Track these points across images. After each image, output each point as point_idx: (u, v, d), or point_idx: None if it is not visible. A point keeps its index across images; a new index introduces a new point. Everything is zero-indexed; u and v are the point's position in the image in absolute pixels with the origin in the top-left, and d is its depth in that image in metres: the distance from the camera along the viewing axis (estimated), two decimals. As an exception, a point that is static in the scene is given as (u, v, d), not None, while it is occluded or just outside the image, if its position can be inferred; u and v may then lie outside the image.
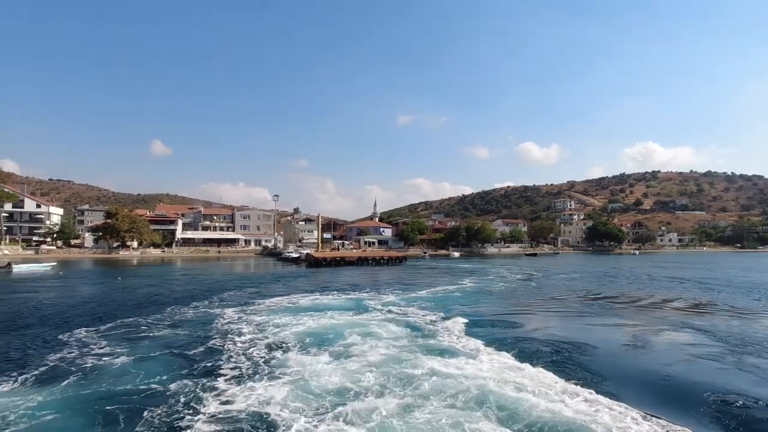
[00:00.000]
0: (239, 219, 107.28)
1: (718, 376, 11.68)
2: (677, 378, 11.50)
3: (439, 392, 9.78)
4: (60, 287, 33.74)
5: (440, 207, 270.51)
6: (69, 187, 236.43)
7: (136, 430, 7.94)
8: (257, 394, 9.64)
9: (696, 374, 11.92)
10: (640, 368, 12.45)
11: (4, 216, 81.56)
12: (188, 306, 23.30)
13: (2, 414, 8.49)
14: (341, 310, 21.79)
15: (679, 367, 12.47)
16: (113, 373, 11.48)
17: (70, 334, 16.05)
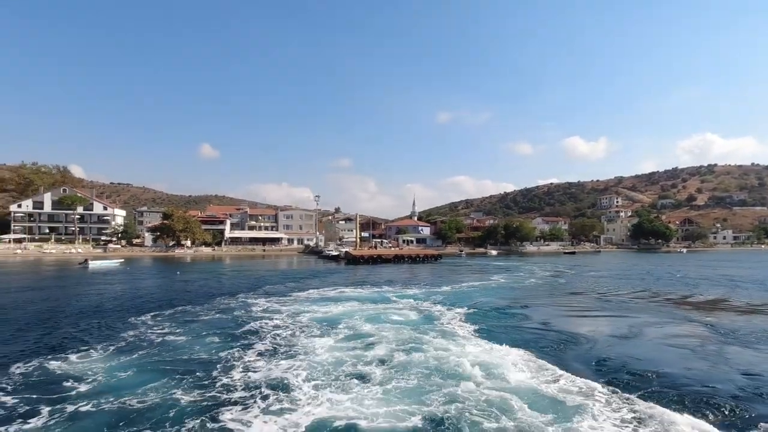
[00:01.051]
0: (282, 219, 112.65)
1: (683, 363, 13.34)
2: (649, 361, 13.22)
3: (421, 365, 12.21)
4: (128, 280, 38.62)
5: (481, 205, 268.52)
6: (128, 190, 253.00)
7: (186, 384, 10.82)
8: (277, 364, 12.40)
9: (671, 362, 13.61)
10: (617, 355, 14.17)
11: (77, 218, 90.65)
12: (234, 297, 26.80)
13: (96, 373, 11.67)
14: (364, 300, 24.60)
15: (655, 355, 14.17)
16: (171, 346, 14.63)
17: (140, 318, 19.63)
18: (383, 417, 8.68)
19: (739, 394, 10.24)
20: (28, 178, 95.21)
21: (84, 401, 9.45)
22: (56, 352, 13.58)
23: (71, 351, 13.76)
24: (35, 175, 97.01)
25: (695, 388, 10.57)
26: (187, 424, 8.27)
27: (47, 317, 20.23)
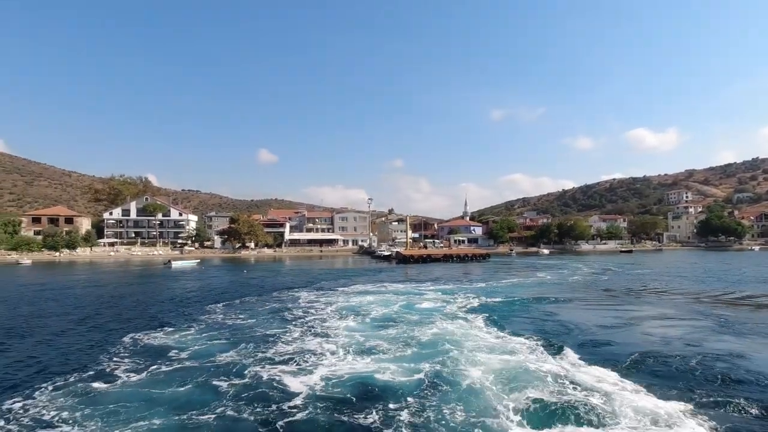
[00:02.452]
0: (338, 221, 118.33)
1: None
2: (620, 344, 15.46)
3: (425, 339, 15.42)
4: (203, 278, 44.59)
5: (538, 203, 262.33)
6: (196, 196, 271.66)
7: (249, 351, 14.56)
8: (314, 338, 16.08)
9: (635, 343, 15.80)
10: (618, 343, 16.44)
11: (157, 223, 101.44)
12: (289, 290, 31.21)
13: (183, 343, 15.79)
14: (400, 293, 28.09)
15: (621, 338, 16.37)
16: (238, 326, 18.72)
17: (214, 306, 24.22)
18: (390, 372, 11.95)
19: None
20: (117, 188, 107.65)
21: (178, 362, 13.53)
22: (155, 329, 18.08)
23: (166, 328, 18.27)
24: (123, 186, 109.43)
25: (656, 367, 12.95)
26: (249, 375, 11.93)
27: (145, 304, 25.47)
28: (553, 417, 9.02)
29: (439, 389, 10.58)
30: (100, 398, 10.26)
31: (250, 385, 11.06)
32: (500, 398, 9.89)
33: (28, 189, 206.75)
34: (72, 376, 11.95)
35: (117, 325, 19.28)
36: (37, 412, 9.42)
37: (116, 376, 11.96)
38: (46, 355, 14.33)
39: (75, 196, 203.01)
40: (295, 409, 9.51)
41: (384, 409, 9.38)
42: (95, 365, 12.96)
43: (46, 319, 21.22)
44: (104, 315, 22.18)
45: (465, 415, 9.07)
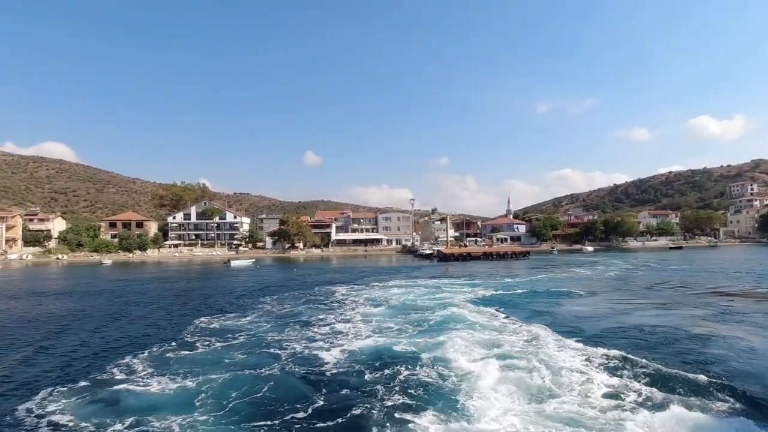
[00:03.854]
0: (382, 221, 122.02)
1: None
2: (608, 330, 17.71)
3: (435, 322, 18.40)
4: (258, 275, 49.51)
5: (587, 199, 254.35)
6: (247, 199, 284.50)
7: (293, 332, 18.05)
8: (345, 321, 19.48)
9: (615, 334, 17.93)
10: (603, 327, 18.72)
11: (215, 226, 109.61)
12: (333, 285, 34.98)
13: (241, 326, 19.55)
14: (429, 287, 30.99)
15: (608, 323, 18.49)
16: (286, 313, 22.46)
17: (267, 298, 28.22)
18: (400, 345, 14.99)
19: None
20: (179, 194, 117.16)
21: (239, 339, 17.19)
22: (219, 315, 22.13)
23: (228, 314, 22.30)
24: (183, 191, 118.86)
25: (605, 336, 15.25)
26: (293, 348, 15.27)
27: (210, 297, 29.97)
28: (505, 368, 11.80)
29: (433, 354, 13.56)
30: (183, 361, 13.93)
31: (294, 354, 14.46)
32: (475, 359, 12.75)
33: (99, 196, 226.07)
34: (161, 345, 15.87)
35: (189, 312, 23.57)
36: (139, 369, 13.17)
37: (195, 346, 15.78)
38: (139, 332, 18.55)
39: (139, 201, 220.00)
40: (326, 370, 12.74)
41: (391, 370, 12.42)
42: (177, 339, 16.88)
43: (133, 307, 25.99)
44: (177, 304, 26.75)
45: (447, 371, 11.99)
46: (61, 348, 16.08)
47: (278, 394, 10.74)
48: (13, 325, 20.72)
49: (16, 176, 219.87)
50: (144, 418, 9.43)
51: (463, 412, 9.17)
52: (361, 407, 9.70)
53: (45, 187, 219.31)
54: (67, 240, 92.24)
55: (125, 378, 12.27)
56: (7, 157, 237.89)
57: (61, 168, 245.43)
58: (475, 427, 8.53)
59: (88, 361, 14.25)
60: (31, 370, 13.34)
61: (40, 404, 10.42)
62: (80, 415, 9.72)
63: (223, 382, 11.68)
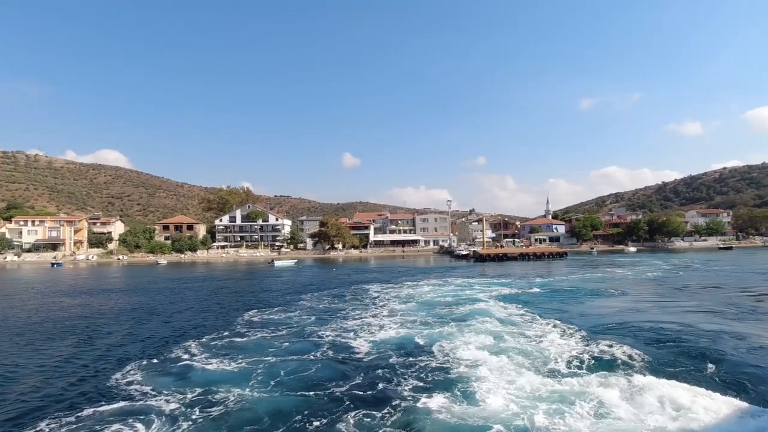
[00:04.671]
0: (419, 222, 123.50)
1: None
2: (617, 326, 18.66)
3: (455, 315, 19.95)
4: (300, 274, 52.48)
5: (633, 198, 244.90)
6: (287, 201, 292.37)
7: (329, 324, 20.10)
8: (374, 315, 21.41)
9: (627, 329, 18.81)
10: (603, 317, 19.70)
11: (258, 228, 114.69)
12: (370, 284, 37.06)
13: (287, 319, 21.88)
14: (460, 286, 32.41)
15: (620, 319, 19.37)
16: (323, 308, 24.68)
17: (308, 295, 30.61)
18: (421, 336, 16.71)
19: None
20: (225, 198, 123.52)
21: (284, 329, 19.45)
22: (266, 309, 24.57)
23: (274, 308, 24.73)
24: (229, 195, 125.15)
25: (607, 333, 16.28)
26: (329, 338, 17.28)
27: (257, 293, 32.72)
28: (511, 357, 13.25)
29: (450, 344, 15.19)
30: (237, 346, 16.19)
31: (331, 342, 16.45)
32: (486, 350, 14.27)
33: (151, 200, 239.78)
34: (217, 333, 18.31)
35: (239, 306, 26.22)
36: (201, 352, 15.52)
37: (246, 335, 18.10)
38: (197, 323, 21.19)
39: (187, 204, 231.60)
40: (357, 356, 14.63)
41: (412, 357, 14.17)
42: (230, 329, 19.31)
43: (191, 302, 29.00)
44: (228, 300, 29.59)
45: (460, 360, 13.58)
46: (137, 335, 18.87)
47: (318, 374, 12.72)
48: (95, 317, 23.95)
49: (78, 182, 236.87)
50: (209, 388, 11.60)
51: (467, 396, 10.60)
52: (384, 387, 11.44)
53: (103, 192, 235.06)
54: (126, 242, 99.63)
55: (190, 358, 14.62)
56: (70, 164, 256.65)
57: (117, 174, 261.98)
58: (476, 410, 10.04)
59: (159, 345, 16.82)
60: (118, 351, 16.02)
61: (127, 375, 12.87)
62: (158, 384, 12.03)
63: (271, 363, 13.80)
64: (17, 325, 21.51)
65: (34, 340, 18.09)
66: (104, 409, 10.27)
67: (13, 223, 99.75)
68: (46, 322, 22.43)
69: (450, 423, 9.01)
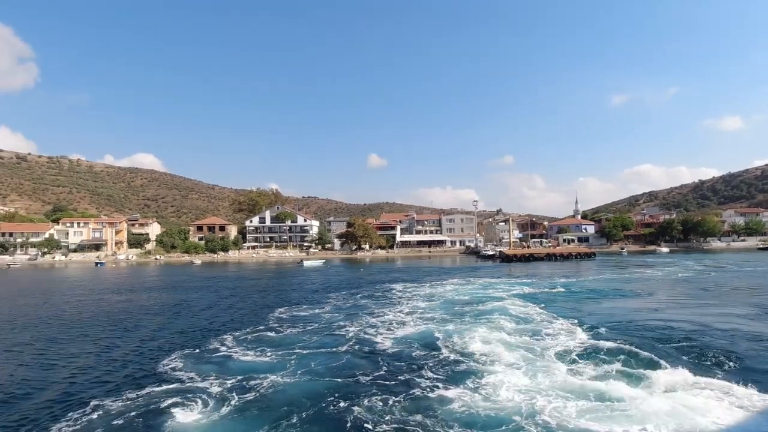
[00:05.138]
0: (445, 222, 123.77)
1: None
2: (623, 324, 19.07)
3: (473, 312, 20.75)
4: (328, 274, 54.08)
5: (668, 197, 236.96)
6: (315, 202, 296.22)
7: (355, 321, 21.22)
8: (397, 313, 22.45)
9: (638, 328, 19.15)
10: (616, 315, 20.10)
11: (287, 229, 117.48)
12: (396, 283, 38.15)
13: (316, 316, 23.14)
14: (479, 285, 33.18)
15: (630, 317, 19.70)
16: (350, 305, 25.90)
17: (335, 294, 31.92)
18: (440, 331, 17.63)
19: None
20: (254, 200, 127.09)
21: (312, 325, 20.75)
22: (296, 306, 26.00)
23: (303, 306, 26.17)
24: (259, 197, 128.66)
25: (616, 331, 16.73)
26: (355, 333, 18.40)
27: (287, 291, 34.30)
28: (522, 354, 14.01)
29: (466, 339, 16.05)
30: (270, 340, 17.56)
31: (355, 338, 17.56)
32: (500, 345, 15.08)
33: (184, 202, 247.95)
34: (251, 328, 19.76)
35: (270, 304, 27.75)
36: (237, 344, 16.93)
37: (277, 329, 19.45)
38: (232, 318, 22.77)
39: (218, 206, 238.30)
40: (380, 349, 15.70)
41: (430, 351, 15.14)
42: (263, 324, 20.73)
43: (225, 299, 30.75)
44: (260, 297, 31.25)
45: (474, 354, 14.45)
46: (177, 327, 20.55)
47: (344, 365, 13.86)
48: (140, 312, 25.90)
49: (117, 185, 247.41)
50: (247, 375, 12.87)
51: (479, 387, 11.36)
52: (403, 378, 12.41)
53: (140, 194, 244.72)
54: (162, 242, 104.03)
55: (227, 350, 16.02)
56: (109, 168, 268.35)
57: (152, 177, 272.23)
58: (486, 400, 10.92)
59: (198, 337, 18.35)
60: (163, 342, 17.63)
61: (172, 363, 14.33)
62: (200, 371, 13.39)
63: (302, 355, 15.03)
64: (72, 319, 23.57)
65: (89, 332, 19.99)
66: (157, 389, 11.71)
67: (61, 225, 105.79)
68: (98, 316, 24.50)
69: (462, 412, 9.90)
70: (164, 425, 9.45)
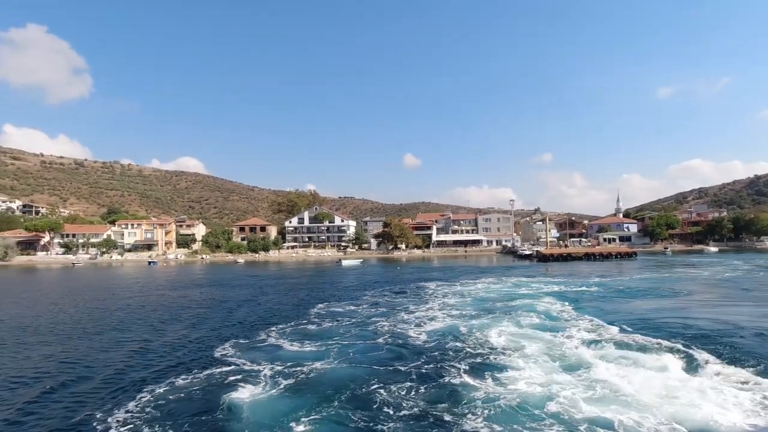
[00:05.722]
0: (481, 222, 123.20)
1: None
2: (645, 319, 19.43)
3: (504, 309, 21.65)
4: (365, 273, 55.91)
5: (719, 194, 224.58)
6: (351, 202, 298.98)
7: (389, 315, 22.58)
8: (428, 309, 23.73)
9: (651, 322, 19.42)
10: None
11: (325, 229, 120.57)
12: (430, 281, 39.33)
13: (352, 311, 24.67)
14: (516, 284, 33.76)
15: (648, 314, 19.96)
16: (385, 302, 27.31)
17: (372, 291, 33.49)
18: (465, 325, 18.75)
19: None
20: (293, 201, 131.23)
21: (350, 320, 22.35)
22: (334, 303, 27.69)
23: (342, 302, 27.84)
24: (297, 198, 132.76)
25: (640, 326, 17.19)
26: (389, 327, 19.81)
27: (326, 289, 36.22)
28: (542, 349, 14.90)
29: (491, 333, 17.17)
30: (312, 332, 19.23)
31: (389, 331, 18.99)
32: (522, 338, 16.03)
33: (225, 203, 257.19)
34: (295, 321, 21.58)
35: (312, 300, 29.65)
36: (282, 335, 18.68)
37: (317, 323, 21.15)
38: (276, 312, 24.72)
39: (258, 207, 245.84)
40: (412, 341, 17.05)
41: (458, 343, 16.38)
42: (305, 318, 22.55)
43: (269, 295, 32.94)
44: (302, 294, 33.24)
45: (497, 347, 15.53)
46: (228, 320, 22.72)
47: (379, 354, 15.32)
48: (194, 306, 28.40)
49: (164, 188, 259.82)
50: (293, 362, 14.48)
51: (499, 378, 12.41)
52: (432, 367, 13.69)
53: (184, 196, 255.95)
54: (208, 242, 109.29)
55: (274, 340, 17.82)
56: (156, 172, 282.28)
57: (196, 180, 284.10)
58: (506, 389, 12.06)
59: (247, 328, 20.28)
60: (216, 332, 19.69)
61: (227, 350, 16.18)
62: (251, 357, 15.12)
63: (341, 345, 16.61)
64: (139, 313, 26.20)
65: (153, 323, 22.45)
66: (217, 370, 13.57)
67: (117, 226, 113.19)
68: (159, 309, 27.18)
69: (482, 398, 10.97)
70: (226, 398, 11.13)
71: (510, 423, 9.49)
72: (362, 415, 10.10)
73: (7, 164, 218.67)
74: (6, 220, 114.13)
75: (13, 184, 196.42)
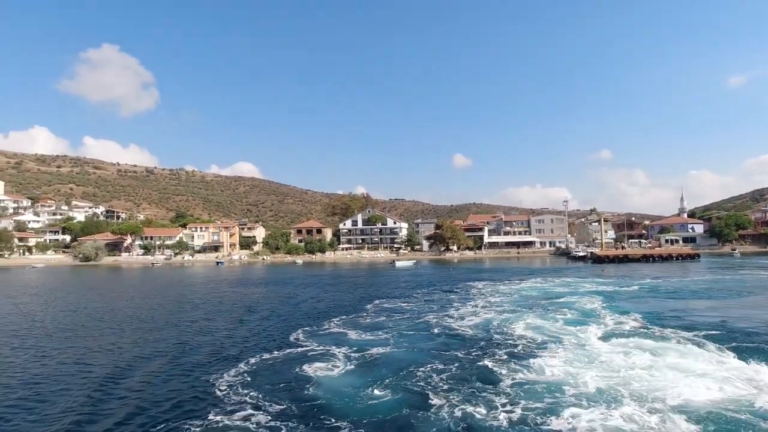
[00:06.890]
0: (534, 223, 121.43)
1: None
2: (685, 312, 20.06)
3: (545, 306, 23.00)
4: (418, 273, 58.23)
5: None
6: (402, 204, 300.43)
7: (436, 311, 24.62)
8: (473, 307, 25.52)
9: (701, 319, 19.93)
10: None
11: (378, 231, 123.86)
12: (478, 281, 40.84)
13: (404, 308, 26.96)
14: (567, 284, 34.65)
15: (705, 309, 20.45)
16: (435, 300, 29.47)
17: (423, 290, 35.71)
18: (500, 319, 20.40)
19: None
20: (347, 204, 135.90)
21: (402, 316, 24.66)
22: (387, 300, 30.13)
23: (394, 300, 30.32)
24: (351, 201, 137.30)
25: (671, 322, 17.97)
26: (437, 321, 21.90)
27: (379, 287, 38.85)
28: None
29: (530, 326, 18.87)
30: (370, 324, 21.68)
31: (438, 323, 21.15)
32: (557, 334, 17.52)
33: (280, 206, 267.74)
34: (354, 314, 24.31)
35: (368, 297, 32.33)
36: (344, 326, 21.31)
37: (376, 316, 23.64)
38: (336, 307, 27.57)
39: (311, 210, 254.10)
40: (456, 333, 19.11)
41: (497, 336, 18.25)
42: (363, 312, 25.21)
43: (329, 293, 36.02)
44: (359, 292, 36.07)
45: (533, 340, 17.20)
46: (295, 312, 25.97)
47: (428, 343, 17.54)
48: (264, 301, 31.95)
49: (224, 193, 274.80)
50: (359, 346, 16.94)
51: (532, 365, 13.97)
52: (474, 355, 15.63)
53: (243, 200, 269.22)
54: (268, 244, 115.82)
55: (337, 329, 20.55)
56: (217, 177, 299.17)
57: (253, 184, 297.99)
58: (539, 376, 13.83)
59: (312, 320, 23.19)
60: (287, 322, 22.75)
61: (298, 336, 18.97)
62: (320, 342, 17.74)
63: (398, 334, 18.99)
64: (220, 307, 29.90)
65: (233, 314, 25.93)
66: (293, 351, 16.39)
67: (187, 230, 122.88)
68: (235, 303, 30.89)
69: (515, 382, 12.71)
70: (303, 373, 13.70)
71: (536, 402, 10.95)
72: (419, 387, 12.25)
73: (90, 173, 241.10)
74: (95, 224, 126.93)
75: (95, 192, 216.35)
